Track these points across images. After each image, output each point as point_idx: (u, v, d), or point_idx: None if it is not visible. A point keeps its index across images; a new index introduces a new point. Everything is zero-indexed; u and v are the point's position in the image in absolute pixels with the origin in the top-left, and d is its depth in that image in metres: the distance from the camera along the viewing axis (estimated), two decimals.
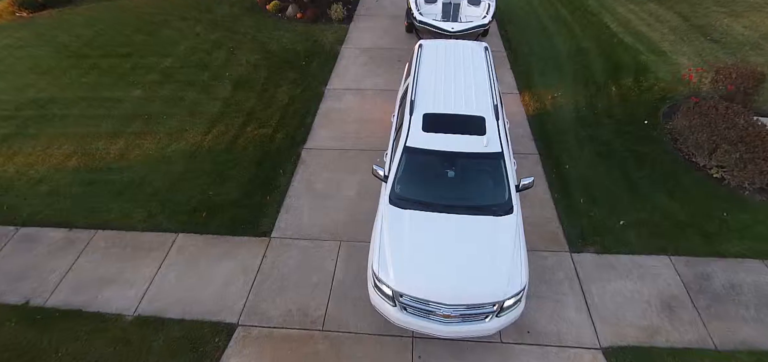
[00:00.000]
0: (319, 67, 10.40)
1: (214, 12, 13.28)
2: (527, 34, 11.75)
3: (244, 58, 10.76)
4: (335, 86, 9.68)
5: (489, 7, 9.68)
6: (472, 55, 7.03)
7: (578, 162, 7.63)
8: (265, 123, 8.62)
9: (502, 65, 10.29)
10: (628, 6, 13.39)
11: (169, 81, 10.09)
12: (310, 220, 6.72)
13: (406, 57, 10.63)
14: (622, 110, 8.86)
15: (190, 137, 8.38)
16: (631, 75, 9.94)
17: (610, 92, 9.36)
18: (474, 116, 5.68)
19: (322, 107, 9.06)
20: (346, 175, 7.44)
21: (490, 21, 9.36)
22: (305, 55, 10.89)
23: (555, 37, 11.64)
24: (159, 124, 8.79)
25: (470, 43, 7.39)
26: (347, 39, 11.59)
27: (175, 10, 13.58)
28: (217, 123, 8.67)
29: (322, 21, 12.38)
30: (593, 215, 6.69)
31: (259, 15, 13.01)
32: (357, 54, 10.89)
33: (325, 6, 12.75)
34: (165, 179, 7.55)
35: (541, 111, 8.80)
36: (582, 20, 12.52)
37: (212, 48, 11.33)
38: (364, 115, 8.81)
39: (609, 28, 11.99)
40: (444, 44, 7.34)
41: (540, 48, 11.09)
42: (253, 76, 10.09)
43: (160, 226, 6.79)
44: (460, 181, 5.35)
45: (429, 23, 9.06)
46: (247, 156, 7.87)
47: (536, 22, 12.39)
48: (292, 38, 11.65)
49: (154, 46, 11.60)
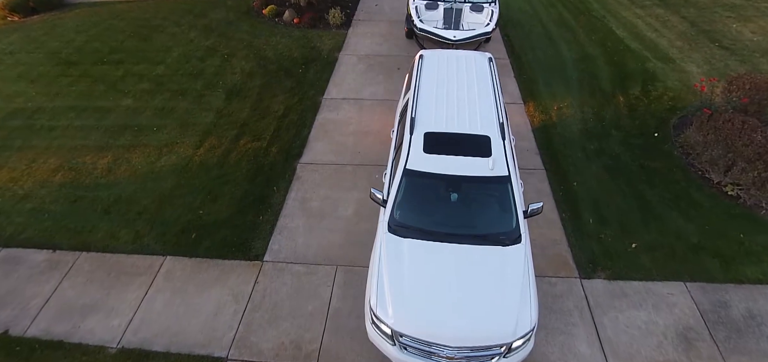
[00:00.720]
0: (316, 75, 10.02)
1: (209, 17, 12.89)
2: (531, 40, 11.36)
3: (238, 66, 10.38)
4: (333, 96, 9.30)
5: (492, 13, 9.29)
6: (476, 67, 6.65)
7: (586, 178, 7.26)
8: (259, 135, 8.24)
9: (505, 73, 9.91)
10: (634, 10, 13.01)
11: (161, 90, 9.71)
12: (305, 242, 6.35)
13: (405, 65, 10.26)
14: (631, 121, 8.48)
15: (180, 150, 8.00)
16: (639, 84, 9.56)
17: (618, 102, 8.98)
18: (479, 136, 5.30)
19: (319, 117, 8.68)
20: (344, 192, 7.07)
21: (494, 29, 8.98)
22: (302, 62, 10.51)
23: (559, 42, 11.26)
24: (149, 136, 8.41)
25: (474, 53, 7.01)
26: (345, 45, 11.20)
27: (170, 15, 13.19)
28: (209, 136, 8.30)
29: (320, 26, 12.00)
30: (603, 236, 6.32)
31: (255, 20, 12.62)
32: (355, 61, 10.51)
33: (322, 10, 12.36)
34: (154, 196, 7.19)
35: (547, 123, 8.43)
36: (587, 25, 12.13)
37: (206, 55, 10.94)
38: (363, 126, 8.44)
39: (615, 34, 11.60)
40: (446, 55, 6.97)
41: (544, 55, 10.71)
42: (248, 85, 9.71)
43: (148, 248, 6.42)
44: (464, 207, 4.98)
45: (430, 31, 8.67)
46: (240, 172, 7.50)
47: (540, 27, 12.00)
48: (288, 44, 11.27)
49: (146, 53, 11.22)
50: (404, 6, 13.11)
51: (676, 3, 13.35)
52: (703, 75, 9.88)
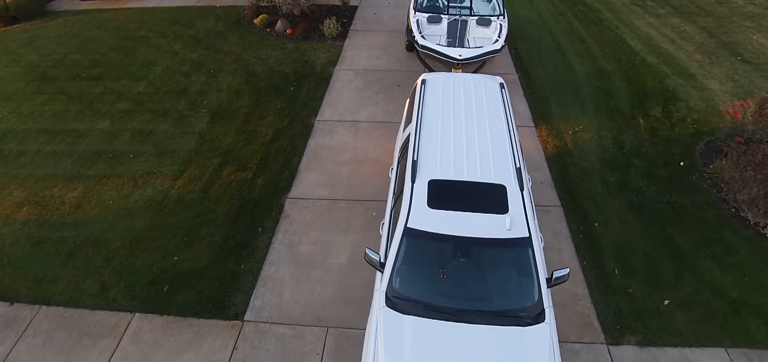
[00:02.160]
0: (309, 93, 9.18)
1: (196, 27, 12.02)
2: (541, 53, 10.51)
3: (225, 83, 9.54)
4: (326, 117, 8.47)
5: (500, 27, 8.43)
6: (486, 95, 5.82)
7: (608, 217, 6.44)
8: (244, 165, 7.41)
9: (514, 91, 9.06)
10: (648, 19, 12.16)
11: (141, 110, 8.87)
12: (292, 297, 5.53)
13: (405, 81, 9.41)
14: (654, 148, 7.66)
15: (157, 182, 7.18)
16: (660, 104, 8.73)
17: (637, 125, 8.15)
18: (493, 186, 4.48)
19: (311, 143, 7.85)
20: (337, 235, 6.25)
21: (503, 45, 8.13)
22: (294, 78, 9.67)
23: (571, 56, 10.40)
24: (124, 165, 7.58)
25: (483, 78, 6.18)
26: (341, 59, 10.35)
27: (156, 25, 12.33)
28: (190, 165, 7.46)
29: (314, 38, 11.14)
30: (632, 291, 5.51)
31: (246, 30, 11.76)
32: (351, 77, 9.67)
33: (317, 21, 11.50)
34: (125, 238, 6.37)
35: (562, 150, 7.60)
36: (599, 36, 11.28)
37: (191, 70, 10.10)
38: (359, 153, 7.61)
39: (629, 46, 10.75)
40: (451, 80, 6.13)
41: (555, 70, 9.86)
42: (234, 105, 8.87)
43: (114, 303, 5.60)
44: (476, 277, 4.17)
45: (433, 49, 7.83)
46: (222, 209, 6.68)
47: (549, 39, 11.15)
48: (280, 58, 10.42)
49: (128, 67, 10.37)
50: (404, 15, 12.24)
51: (691, 12, 12.50)
52: (727, 93, 9.06)
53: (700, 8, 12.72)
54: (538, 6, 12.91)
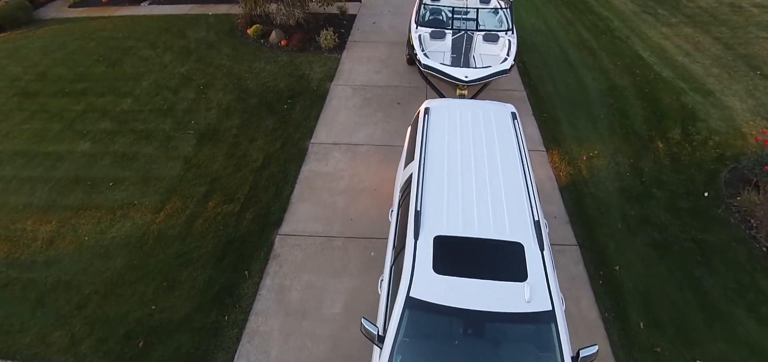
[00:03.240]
0: (303, 111, 8.53)
1: (187, 37, 11.35)
2: (549, 67, 9.84)
3: (214, 100, 8.88)
4: (322, 139, 7.82)
5: (509, 44, 7.74)
6: (497, 127, 5.18)
7: (630, 259, 5.80)
8: (231, 195, 6.78)
9: (522, 110, 8.36)
10: (660, 29, 11.48)
11: (124, 130, 8.23)
12: (280, 355, 4.89)
13: (406, 99, 8.76)
14: (675, 176, 7.03)
15: (137, 215, 6.55)
16: (678, 124, 8.08)
17: (656, 149, 7.50)
18: (508, 244, 3.85)
19: (305, 169, 7.21)
20: (331, 278, 5.63)
21: (513, 65, 7.48)
22: (288, 95, 9.01)
23: (581, 70, 9.74)
24: (103, 194, 6.95)
25: (493, 108, 5.53)
26: (338, 73, 9.69)
27: (146, 35, 11.66)
28: (173, 194, 6.83)
29: (310, 49, 10.48)
30: (660, 349, 4.89)
31: (239, 41, 11.09)
32: (349, 94, 9.01)
33: (313, 31, 10.84)
34: (99, 281, 5.73)
35: (576, 178, 6.96)
36: (610, 48, 10.61)
37: (180, 85, 9.44)
38: (356, 181, 6.97)
39: (642, 59, 10.09)
40: (458, 110, 5.48)
41: (565, 85, 9.20)
42: (224, 125, 8.22)
43: (84, 360, 4.99)
44: (491, 356, 3.55)
45: (437, 69, 7.17)
46: (206, 248, 6.04)
47: (558, 51, 10.49)
48: (273, 72, 9.76)
49: (113, 82, 9.72)
50: (404, 24, 11.57)
51: (705, 21, 11.83)
52: (748, 111, 8.40)
53: (714, 17, 12.04)
54: (545, 15, 12.23)
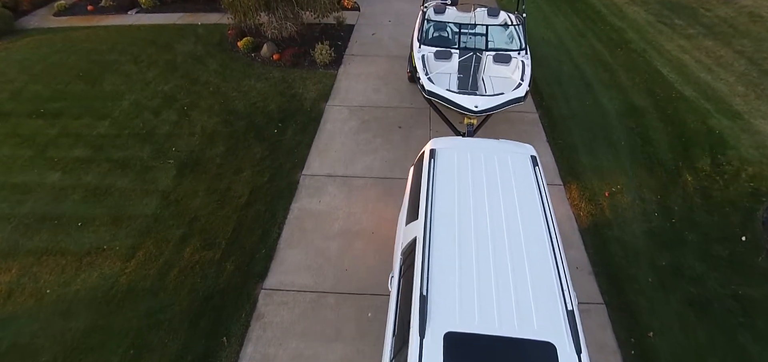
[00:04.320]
0: (294, 137, 7.71)
1: (174, 50, 10.53)
2: (562, 84, 9.01)
3: (198, 123, 8.07)
4: (314, 170, 7.03)
5: (523, 66, 6.85)
6: (516, 178, 4.35)
7: (665, 321, 4.99)
8: (212, 239, 5.97)
9: (535, 134, 7.58)
10: (678, 41, 10.64)
11: (99, 159, 7.42)
12: None
13: (407, 121, 7.95)
14: (707, 216, 6.22)
15: (106, 264, 5.74)
16: (707, 152, 7.26)
17: (684, 183, 6.70)
18: (537, 345, 3.06)
19: (295, 208, 6.41)
20: (323, 345, 4.82)
21: (528, 91, 6.61)
22: (279, 117, 8.19)
23: (597, 87, 8.91)
24: (70, 236, 6.15)
25: (509, 149, 4.72)
26: (334, 92, 8.87)
27: (130, 47, 10.83)
28: (147, 238, 6.03)
29: (304, 64, 9.65)
30: None
31: (228, 55, 10.27)
32: (345, 116, 8.20)
33: (308, 44, 10.01)
34: (58, 345, 4.93)
35: (598, 218, 6.16)
36: (626, 63, 9.77)
37: (162, 105, 8.63)
38: (352, 222, 6.16)
39: (662, 76, 9.26)
40: (469, 152, 4.66)
41: (580, 106, 8.38)
42: (207, 154, 7.41)
43: None
44: None
45: (443, 97, 6.30)
46: (180, 305, 5.23)
47: (570, 65, 9.66)
48: (264, 91, 8.94)
49: (92, 101, 8.90)
50: (405, 35, 10.75)
51: (724, 32, 10.97)
52: None
53: (734, 28, 11.20)
54: (555, 25, 11.40)
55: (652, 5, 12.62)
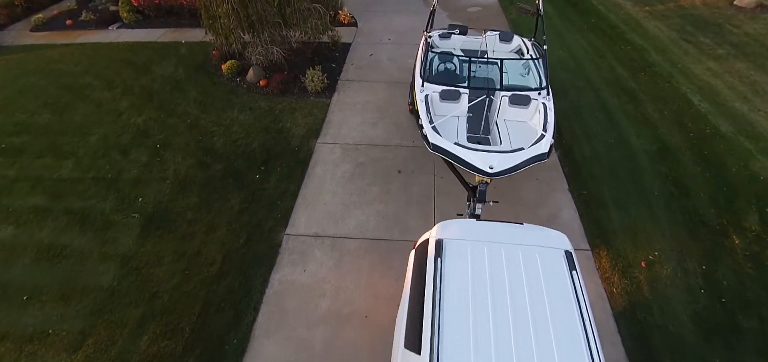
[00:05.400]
0: (279, 184, 6.67)
1: (152, 73, 9.49)
2: (582, 117, 7.91)
3: (171, 165, 7.04)
4: (300, 229, 5.98)
5: (544, 111, 5.65)
6: (547, 287, 3.33)
7: None
8: (174, 324, 4.92)
9: (555, 181, 6.45)
10: (706, 63, 9.52)
11: (57, 210, 6.40)
12: None
13: (408, 165, 6.89)
14: (764, 292, 5.16)
15: (48, 356, 4.68)
16: (753, 205, 6.17)
17: (732, 247, 5.62)
18: None
19: (275, 279, 5.37)
20: None
21: (552, 144, 5.33)
22: (262, 158, 7.14)
23: (622, 121, 7.79)
24: (13, 314, 5.08)
25: (538, 239, 3.66)
26: (326, 126, 7.79)
27: (106, 69, 9.79)
28: (100, 319, 4.99)
29: (294, 92, 8.58)
30: None
31: (210, 80, 9.20)
32: (337, 157, 7.14)
33: (299, 68, 8.95)
34: None
35: (635, 298, 5.10)
36: (652, 90, 8.64)
37: (133, 142, 7.59)
38: (342, 301, 5.10)
39: (693, 106, 8.16)
40: (485, 247, 3.61)
41: (605, 145, 7.28)
42: (178, 206, 6.38)
43: None
44: None
45: (451, 154, 5.10)
46: None
47: (590, 93, 8.55)
48: (247, 125, 7.87)
49: (57, 136, 7.87)
50: (406, 56, 9.68)
51: (756, 53, 9.80)
52: None
53: (766, 47, 10.08)
54: (570, 44, 10.29)
55: (674, 20, 11.48)
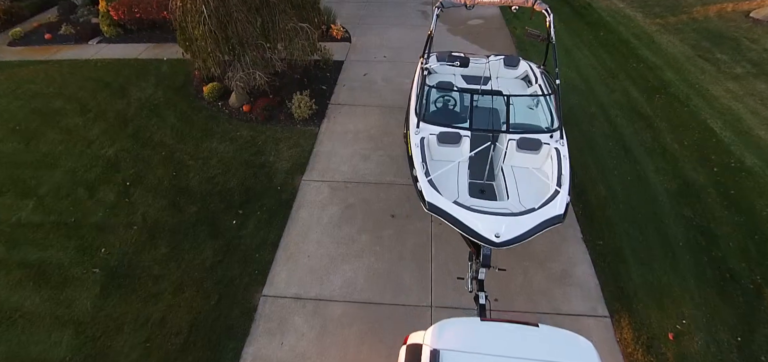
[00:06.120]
0: (257, 232, 5.86)
1: (129, 95, 8.73)
2: (595, 150, 7.09)
3: (140, 208, 6.27)
4: (279, 288, 5.18)
5: (558, 158, 4.80)
6: None
7: None
8: None
9: (567, 231, 5.71)
10: (725, 83, 8.73)
11: (11, 261, 5.60)
12: None
13: (404, 208, 6.09)
14: None
15: None
16: None
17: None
18: None
19: (248, 354, 4.51)
20: None
21: (568, 203, 4.39)
22: (240, 199, 6.36)
23: (638, 153, 7.00)
24: None
25: (557, 350, 2.96)
26: (313, 159, 7.02)
27: (81, 89, 9.04)
28: None
29: (280, 119, 7.80)
30: None
31: (190, 104, 8.41)
32: (325, 197, 6.37)
33: (285, 91, 8.18)
34: None
35: None
36: (669, 115, 7.84)
37: (101, 178, 6.82)
38: None
39: (714, 135, 7.38)
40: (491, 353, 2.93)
41: (621, 183, 6.48)
42: (144, 259, 5.58)
43: None
44: None
45: (450, 216, 4.21)
46: None
47: (603, 120, 7.75)
48: (227, 158, 7.10)
49: (21, 169, 7.11)
50: (403, 76, 8.88)
51: None
52: None
53: None
54: (579, 62, 9.50)
55: (688, 34, 10.69)
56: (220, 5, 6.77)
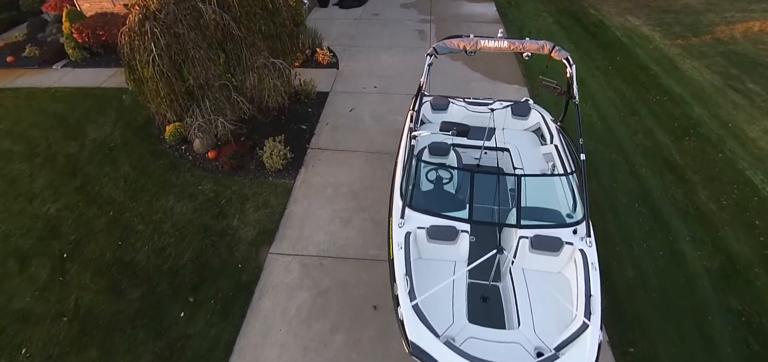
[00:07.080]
0: (210, 327, 4.69)
1: (85, 135, 7.57)
2: (619, 214, 5.83)
3: (74, 290, 5.12)
4: None
5: (584, 263, 3.59)
6: None
7: None
8: None
9: None
10: (762, 123, 7.43)
11: None
12: None
13: (387, 296, 4.96)
14: None
15: None
16: None
17: None
18: None
19: None
20: None
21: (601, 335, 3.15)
22: (193, 281, 5.16)
23: (670, 218, 5.74)
24: None
25: None
26: (284, 225, 5.82)
27: (34, 125, 7.91)
28: None
29: (250, 169, 6.61)
30: None
31: (150, 146, 7.26)
32: (294, 279, 5.15)
33: (257, 136, 7.01)
34: None
35: None
36: (702, 165, 6.62)
37: (37, 246, 5.70)
38: None
39: (755, 190, 6.14)
40: None
41: (652, 262, 5.24)
42: None
43: None
44: None
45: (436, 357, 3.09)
46: None
47: (626, 171, 6.53)
48: (183, 222, 5.89)
49: None
50: (395, 112, 7.67)
51: None
52: None
53: None
54: (595, 94, 8.26)
55: (714, 58, 9.44)
56: (174, 42, 5.62)
